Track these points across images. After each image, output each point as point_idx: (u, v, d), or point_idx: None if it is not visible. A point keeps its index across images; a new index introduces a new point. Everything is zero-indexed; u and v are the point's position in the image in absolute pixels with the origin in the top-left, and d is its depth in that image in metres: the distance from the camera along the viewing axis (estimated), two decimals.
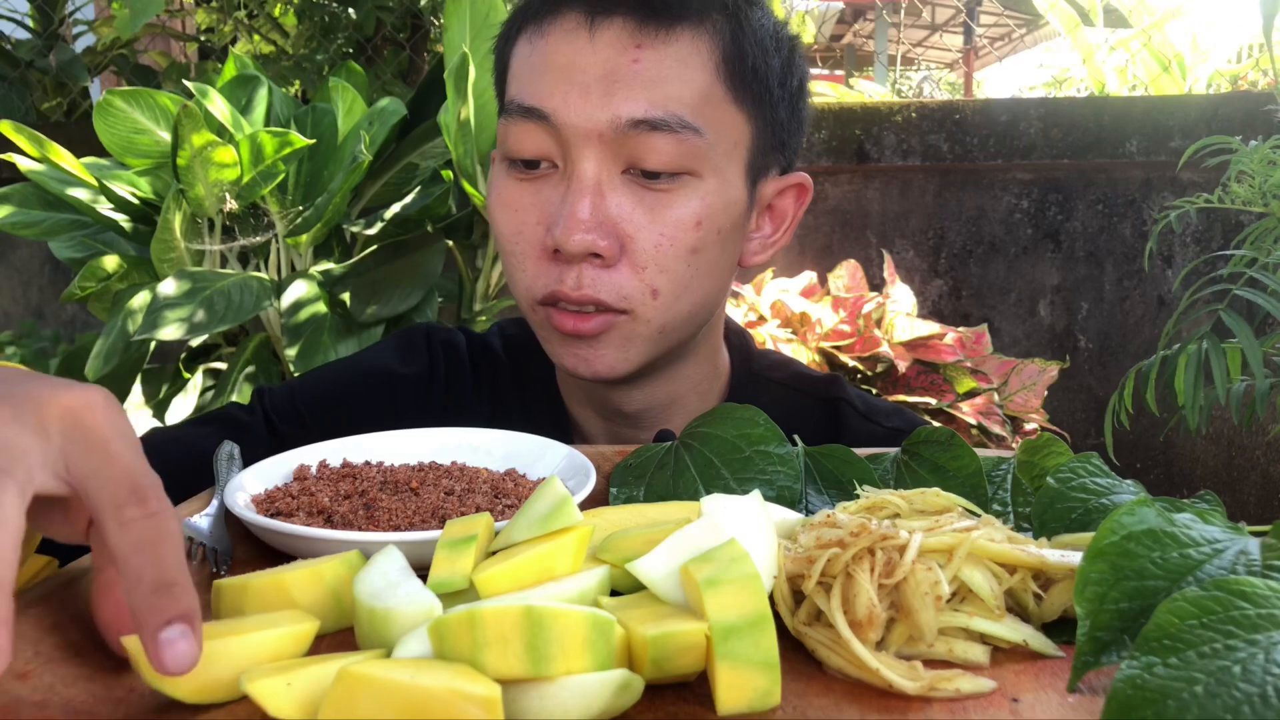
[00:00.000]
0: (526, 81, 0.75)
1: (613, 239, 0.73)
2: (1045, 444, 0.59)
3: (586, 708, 0.36)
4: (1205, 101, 2.23)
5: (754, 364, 0.92)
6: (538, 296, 0.76)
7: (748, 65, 0.76)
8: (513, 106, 0.75)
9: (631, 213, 0.73)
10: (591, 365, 0.77)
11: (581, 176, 0.73)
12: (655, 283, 0.75)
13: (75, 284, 1.71)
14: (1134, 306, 2.28)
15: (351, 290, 1.78)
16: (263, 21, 2.92)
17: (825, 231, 2.33)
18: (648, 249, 0.74)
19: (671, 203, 0.74)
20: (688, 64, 0.73)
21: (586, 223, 0.72)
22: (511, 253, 0.77)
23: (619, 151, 0.73)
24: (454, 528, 0.47)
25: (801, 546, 0.44)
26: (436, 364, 0.91)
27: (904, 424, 0.87)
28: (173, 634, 0.36)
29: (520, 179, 0.76)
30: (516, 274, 0.78)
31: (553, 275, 0.75)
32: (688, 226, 0.74)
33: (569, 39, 0.73)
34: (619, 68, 0.72)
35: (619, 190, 0.74)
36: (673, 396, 0.86)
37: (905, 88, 8.77)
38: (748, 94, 0.76)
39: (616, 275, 0.74)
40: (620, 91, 0.71)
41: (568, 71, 0.72)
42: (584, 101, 0.72)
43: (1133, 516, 0.39)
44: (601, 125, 0.72)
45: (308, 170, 1.80)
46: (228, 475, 0.63)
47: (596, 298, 0.74)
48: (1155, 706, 0.31)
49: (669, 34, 0.73)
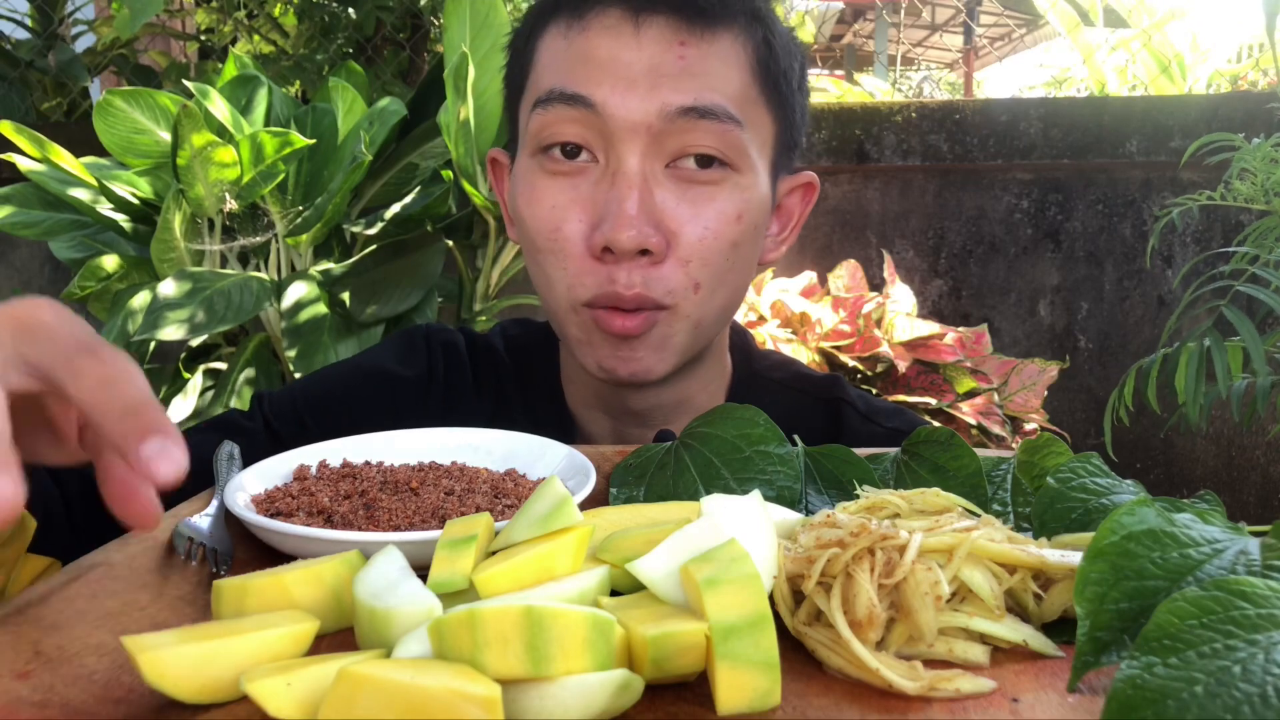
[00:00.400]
0: (567, 71, 0.74)
1: (661, 234, 0.73)
2: (1045, 444, 0.59)
3: (586, 708, 0.36)
4: (1205, 101, 2.23)
5: (755, 364, 0.92)
6: (584, 298, 0.75)
7: (778, 68, 0.77)
8: (553, 94, 0.74)
9: (676, 207, 0.73)
10: (630, 365, 0.77)
11: (628, 171, 0.72)
12: (698, 276, 0.75)
13: (75, 284, 1.71)
14: (1134, 306, 2.28)
15: (351, 290, 1.78)
16: (263, 21, 2.92)
17: (825, 231, 2.33)
18: (692, 243, 0.74)
19: (715, 196, 0.74)
20: (728, 62, 0.74)
21: (637, 218, 0.71)
22: (550, 251, 0.75)
23: (664, 144, 0.73)
24: (454, 528, 0.47)
25: (801, 546, 0.44)
26: (436, 365, 0.90)
27: (904, 425, 0.87)
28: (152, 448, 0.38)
29: (556, 173, 0.75)
30: (554, 274, 0.76)
31: (601, 275, 0.74)
32: (730, 219, 0.75)
33: (612, 33, 0.73)
34: (665, 62, 0.72)
35: (663, 184, 0.74)
36: (684, 396, 0.86)
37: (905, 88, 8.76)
38: (775, 95, 0.78)
39: (664, 270, 0.74)
40: (667, 83, 0.72)
41: (613, 64, 0.72)
42: (630, 93, 0.72)
43: (1133, 516, 0.39)
44: (651, 116, 0.72)
45: (308, 170, 1.80)
46: (228, 475, 0.63)
47: (649, 295, 0.73)
48: (1155, 706, 0.31)
49: (711, 34, 0.74)
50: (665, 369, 0.78)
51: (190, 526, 0.55)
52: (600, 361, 0.77)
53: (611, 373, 0.77)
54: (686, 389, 0.86)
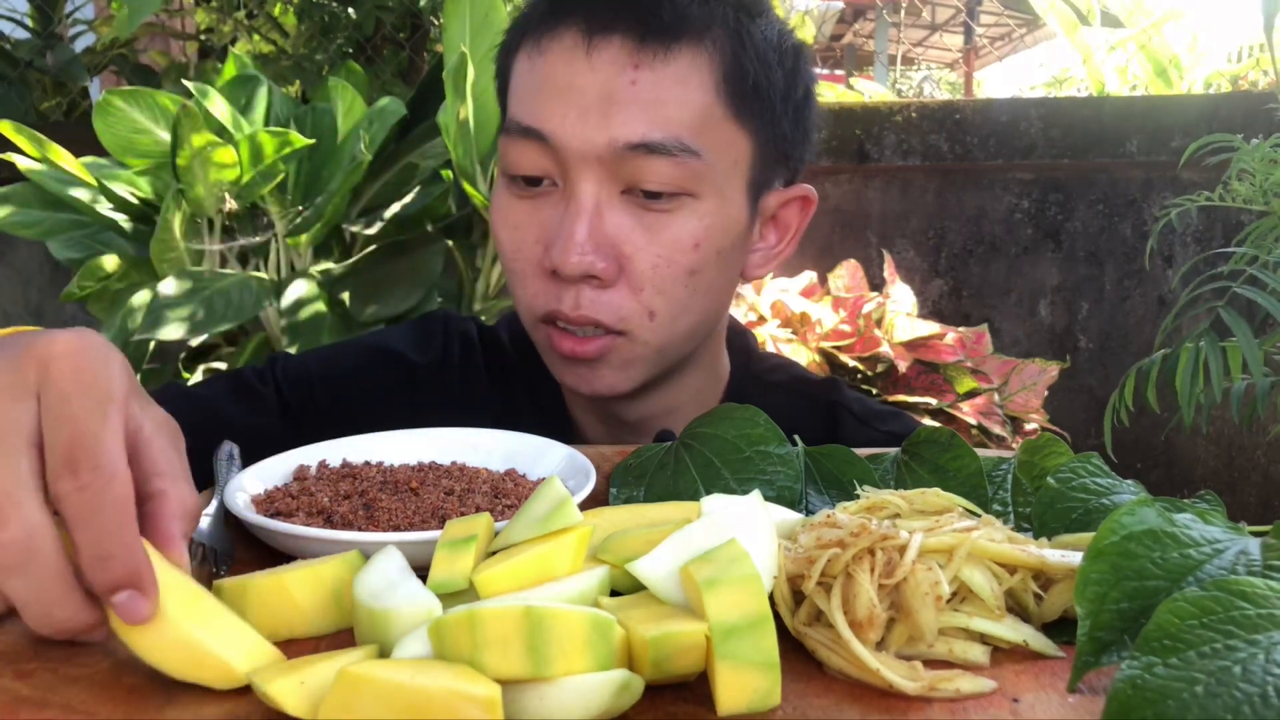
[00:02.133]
0: (526, 100, 0.75)
1: (611, 260, 0.73)
2: (1045, 444, 0.59)
3: (586, 708, 0.36)
4: (1205, 101, 2.23)
5: (754, 365, 0.92)
6: (538, 315, 0.77)
7: (749, 82, 0.74)
8: (512, 125, 0.75)
9: (630, 233, 0.73)
10: (591, 384, 0.78)
11: (580, 197, 0.73)
12: (652, 304, 0.74)
13: (75, 284, 1.71)
14: (1134, 306, 2.28)
15: (351, 290, 1.78)
16: (263, 21, 2.92)
17: (825, 231, 2.33)
18: (645, 270, 0.74)
19: (670, 224, 0.73)
20: (687, 84, 0.72)
21: (584, 244, 0.72)
22: (512, 270, 0.78)
23: (617, 172, 0.72)
24: (454, 528, 0.47)
25: (801, 546, 0.44)
26: (451, 352, 0.91)
27: (901, 429, 0.87)
28: (119, 599, 0.39)
29: (520, 196, 0.76)
30: (518, 291, 0.78)
31: (552, 294, 0.75)
32: (686, 248, 0.74)
33: (566, 58, 0.73)
34: (617, 89, 0.71)
35: (617, 210, 0.73)
36: (673, 405, 0.86)
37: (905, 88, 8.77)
38: (748, 111, 0.75)
39: (614, 296, 0.74)
40: (618, 114, 0.71)
41: (566, 92, 0.72)
42: (582, 124, 0.71)
43: (1133, 516, 0.39)
44: (600, 148, 0.71)
45: (307, 170, 1.80)
46: (228, 475, 0.63)
47: (594, 318, 0.74)
48: (1155, 706, 0.31)
49: (668, 53, 0.72)
50: (628, 387, 0.79)
51: None
52: (562, 377, 0.80)
53: (574, 388, 0.79)
54: (674, 399, 0.86)
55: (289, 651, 0.42)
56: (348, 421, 0.72)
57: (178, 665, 0.40)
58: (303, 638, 0.45)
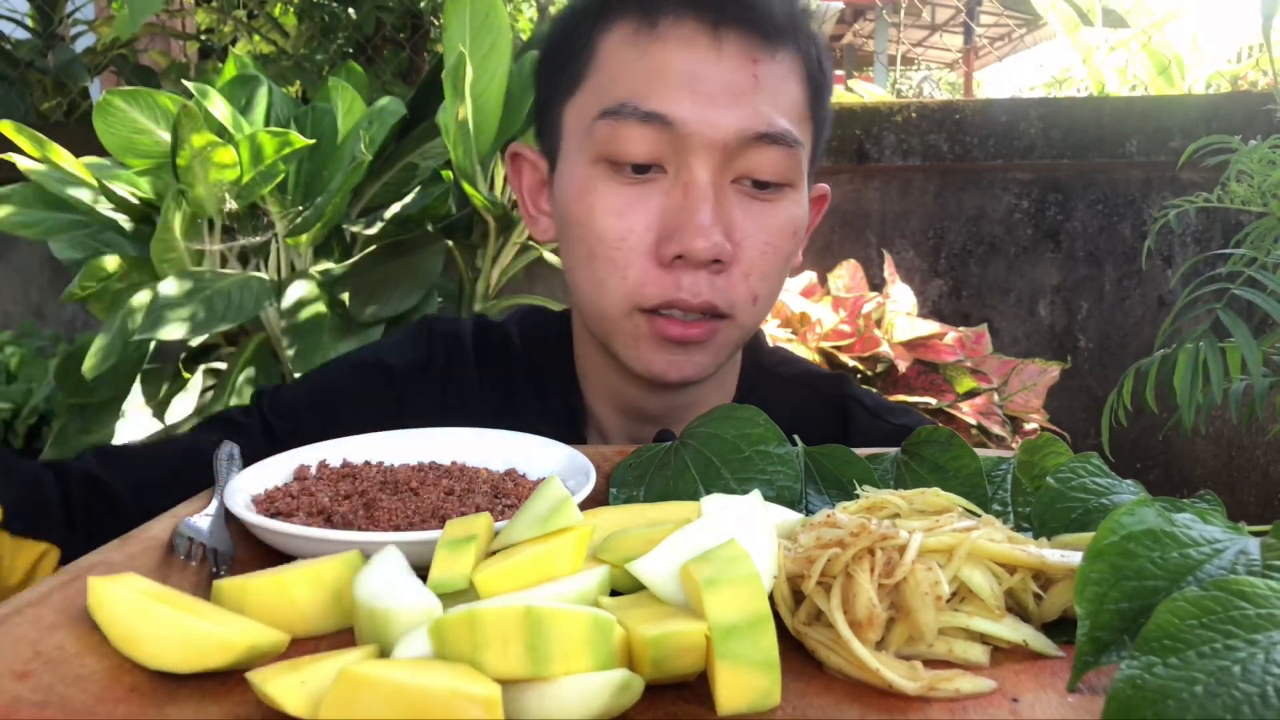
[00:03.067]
0: (641, 84, 0.74)
1: (730, 244, 0.74)
2: (1045, 444, 0.59)
3: (586, 708, 0.36)
4: (1205, 101, 2.23)
5: (764, 361, 0.93)
6: (644, 305, 0.75)
7: (824, 85, 0.80)
8: (627, 109, 0.73)
9: (741, 221, 0.75)
10: (683, 370, 0.78)
11: (700, 183, 0.73)
12: (756, 289, 0.77)
13: (75, 284, 1.71)
14: (1134, 306, 2.28)
15: (351, 290, 1.78)
16: (263, 21, 2.92)
17: (825, 231, 2.33)
18: (754, 256, 0.76)
19: (774, 212, 0.76)
20: (790, 80, 0.76)
21: (712, 228, 0.72)
22: (611, 259, 0.75)
23: (732, 162, 0.74)
24: (454, 528, 0.47)
25: (801, 546, 0.44)
26: (435, 353, 0.90)
27: (912, 422, 0.88)
28: None
29: (625, 183, 0.75)
30: (611, 280, 0.76)
31: (667, 282, 0.74)
32: (787, 234, 0.77)
33: (688, 46, 0.73)
34: (740, 80, 0.73)
35: (729, 198, 0.75)
36: (697, 397, 0.86)
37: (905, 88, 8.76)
38: (819, 111, 0.81)
39: (727, 281, 0.75)
40: (744, 104, 0.73)
41: (692, 80, 0.73)
42: (710, 111, 0.72)
43: (1133, 516, 0.39)
44: (728, 135, 0.73)
45: (308, 170, 1.80)
46: (228, 475, 0.63)
47: (713, 303, 0.75)
48: (1155, 706, 0.31)
49: (778, 51, 0.75)
50: (712, 370, 0.80)
51: (190, 526, 0.55)
52: (649, 365, 0.78)
53: (661, 376, 0.78)
54: (701, 390, 0.86)
55: (289, 652, 0.42)
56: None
57: (176, 655, 0.40)
58: (303, 638, 0.45)
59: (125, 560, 0.53)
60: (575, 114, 0.78)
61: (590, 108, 0.76)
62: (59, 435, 1.81)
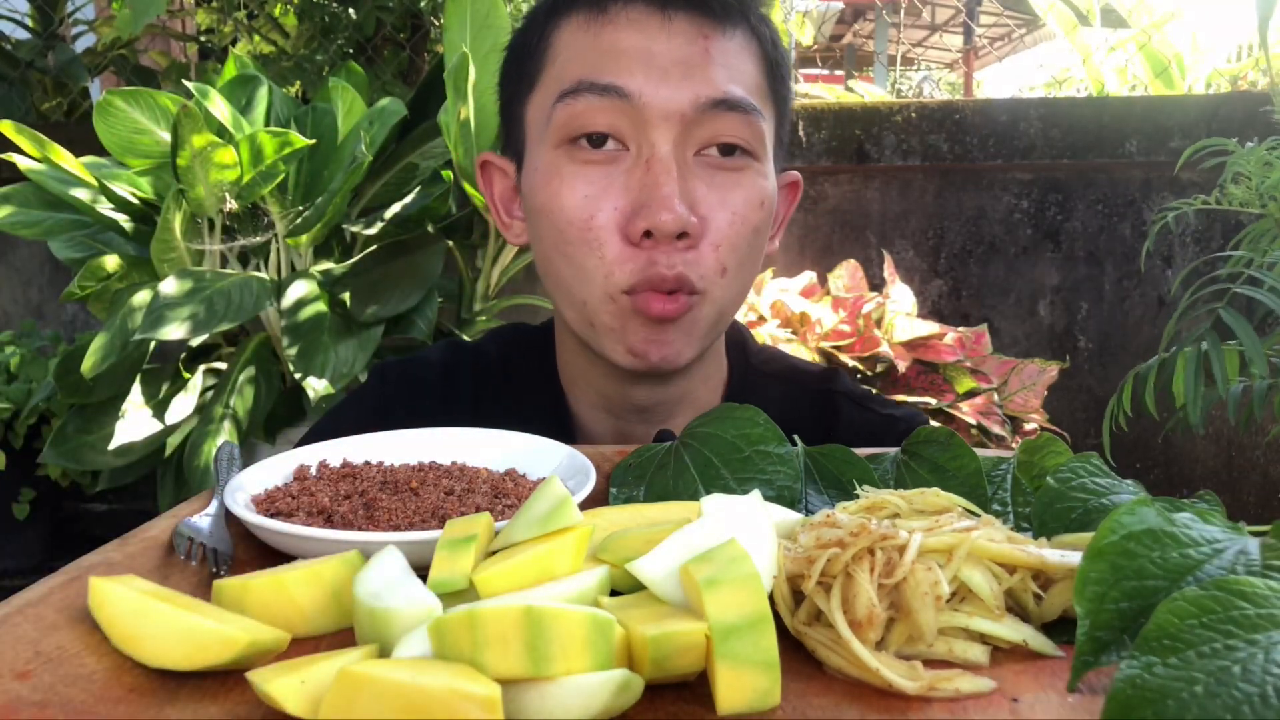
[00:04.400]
0: (595, 62, 0.75)
1: (696, 217, 0.75)
2: (1045, 444, 0.59)
3: (586, 708, 0.36)
4: (1205, 102, 2.23)
5: (752, 359, 0.94)
6: (624, 284, 0.75)
7: (781, 67, 0.81)
8: (583, 85, 0.74)
9: (706, 194, 0.75)
10: (662, 350, 0.77)
11: (662, 156, 0.74)
12: (726, 261, 0.77)
13: (75, 284, 1.71)
14: (1134, 306, 2.28)
15: (352, 290, 1.78)
16: (263, 22, 2.92)
17: (825, 231, 2.33)
18: (722, 228, 0.76)
19: (740, 182, 0.77)
20: (743, 56, 0.77)
21: (675, 201, 0.73)
22: (584, 240, 0.75)
23: (693, 133, 0.75)
24: (454, 528, 0.47)
25: (801, 546, 0.44)
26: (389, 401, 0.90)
27: (900, 413, 0.89)
28: None
29: (586, 162, 0.75)
30: (589, 263, 0.76)
31: (641, 260, 0.74)
32: (754, 205, 0.77)
33: (639, 25, 0.75)
34: (692, 54, 0.75)
35: (693, 171, 0.75)
36: (686, 390, 0.87)
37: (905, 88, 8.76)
38: (776, 92, 0.81)
39: (699, 254, 0.76)
40: (698, 74, 0.74)
41: (644, 54, 0.74)
42: (664, 83, 0.74)
43: (1133, 516, 0.39)
44: (684, 105, 0.74)
45: (308, 170, 1.80)
46: (228, 475, 0.63)
47: (686, 276, 0.75)
48: (1155, 706, 0.31)
49: (728, 29, 0.77)
50: (691, 355, 0.79)
51: (190, 526, 0.55)
52: (631, 346, 0.77)
53: (644, 356, 0.77)
54: (689, 384, 0.87)
55: (289, 652, 0.42)
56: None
57: (176, 652, 0.40)
58: (303, 638, 0.45)
59: (125, 560, 0.53)
60: (536, 108, 0.80)
61: (549, 96, 0.77)
62: (59, 435, 1.81)
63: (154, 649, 0.40)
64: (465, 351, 0.94)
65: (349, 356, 1.70)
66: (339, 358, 1.69)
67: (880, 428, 0.87)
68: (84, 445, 1.81)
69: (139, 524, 0.60)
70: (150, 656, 0.40)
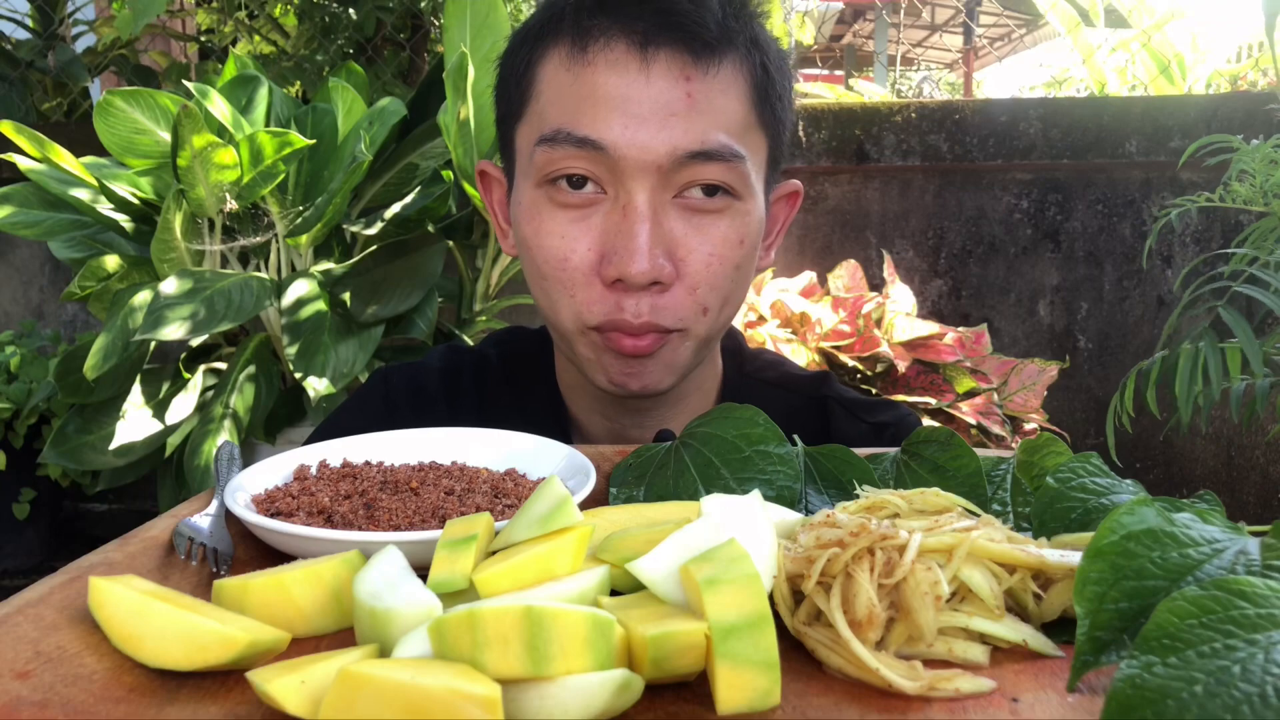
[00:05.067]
0: (574, 110, 0.74)
1: (670, 263, 0.74)
2: (1045, 444, 0.59)
3: (586, 708, 0.36)
4: (1205, 101, 2.23)
5: (746, 365, 0.94)
6: (591, 324, 0.76)
7: (774, 91, 0.79)
8: (560, 135, 0.74)
9: (684, 236, 0.75)
10: (641, 380, 0.78)
11: (639, 205, 0.74)
12: (706, 301, 0.77)
13: (75, 284, 1.71)
14: (1134, 306, 2.28)
15: (352, 290, 1.78)
16: (263, 22, 2.92)
17: (825, 231, 2.33)
18: (699, 269, 0.76)
19: (719, 222, 0.76)
20: (729, 94, 0.75)
21: (648, 252, 0.73)
22: (558, 280, 0.77)
23: (671, 180, 0.74)
24: (454, 528, 0.47)
25: (801, 546, 0.44)
26: (396, 409, 0.90)
27: (892, 418, 0.89)
28: None
29: (564, 204, 0.76)
30: (562, 301, 0.77)
31: (609, 303, 0.75)
32: (734, 244, 0.77)
33: (619, 69, 0.73)
34: (673, 100, 0.73)
35: (670, 215, 0.75)
36: (681, 394, 0.87)
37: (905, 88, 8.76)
38: (770, 116, 0.79)
39: (672, 298, 0.75)
40: (676, 125, 0.73)
41: (622, 104, 0.73)
42: (640, 133, 0.72)
43: (1132, 516, 0.39)
44: (660, 157, 0.73)
45: (308, 170, 1.80)
46: (228, 475, 0.63)
47: (656, 323, 0.75)
48: (1155, 706, 0.31)
49: (715, 65, 0.75)
50: (672, 382, 0.80)
51: (190, 526, 0.55)
52: (610, 378, 0.79)
53: (622, 386, 0.79)
54: (683, 388, 0.87)
55: (289, 652, 0.42)
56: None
57: (177, 652, 0.40)
58: (303, 637, 0.45)
59: (125, 560, 0.53)
60: (523, 138, 0.80)
61: (533, 134, 0.77)
62: (59, 435, 1.81)
63: (154, 649, 0.40)
64: (466, 356, 0.94)
65: (349, 356, 1.70)
66: (339, 358, 1.69)
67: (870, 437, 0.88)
68: (84, 445, 1.81)
69: (139, 524, 0.60)
70: (150, 656, 0.40)
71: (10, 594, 0.49)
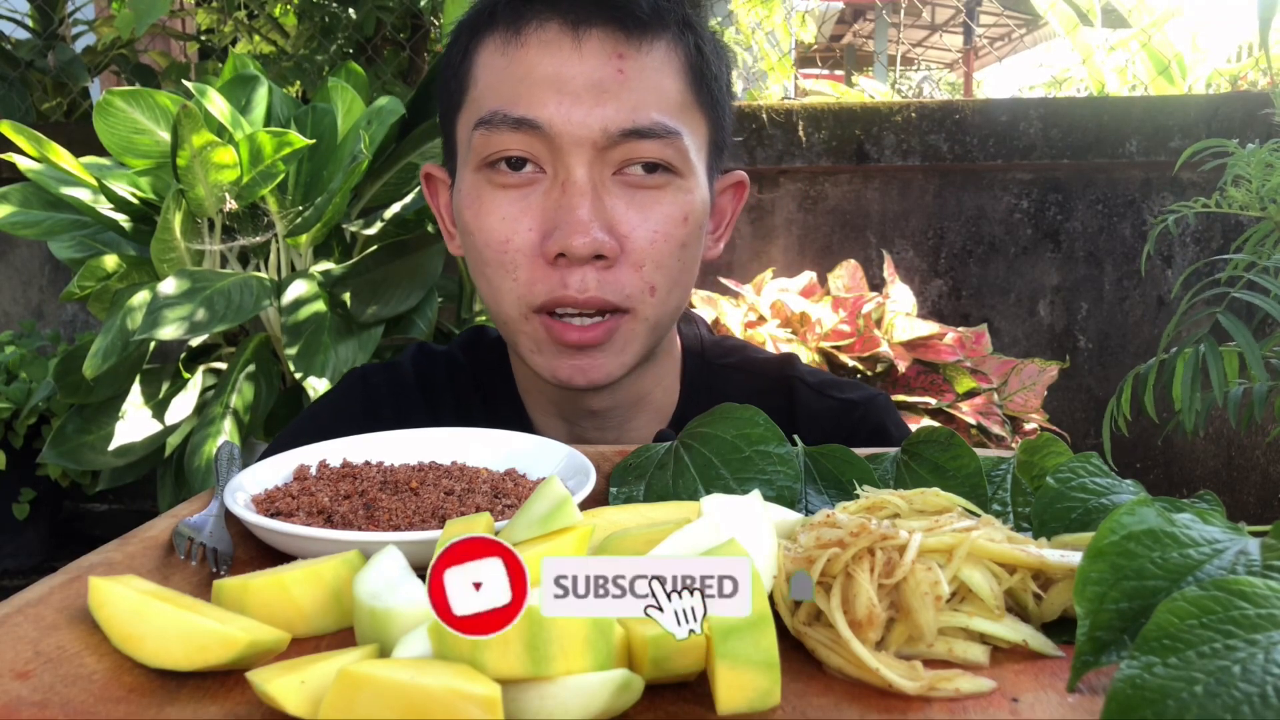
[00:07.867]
0: (509, 91, 0.75)
1: (613, 238, 0.74)
2: (1045, 444, 0.59)
3: (586, 708, 0.36)
4: (1205, 102, 2.23)
5: (708, 353, 0.94)
6: (535, 304, 0.76)
7: (710, 72, 0.80)
8: (496, 116, 0.75)
9: (626, 213, 0.75)
10: (588, 374, 0.78)
11: (577, 180, 0.74)
12: (652, 279, 0.77)
13: (75, 284, 1.71)
14: (1134, 307, 2.29)
15: (351, 290, 1.78)
16: (263, 22, 2.92)
17: (825, 231, 2.33)
18: (644, 246, 0.76)
19: (660, 199, 0.76)
20: (663, 72, 0.76)
21: (589, 224, 0.73)
22: (500, 262, 0.77)
23: (608, 156, 0.74)
24: (454, 528, 0.47)
25: (801, 546, 0.44)
26: (376, 404, 0.90)
27: (860, 397, 0.89)
28: None
29: (504, 185, 0.76)
30: (505, 283, 0.77)
31: (554, 280, 0.75)
32: (677, 221, 0.77)
33: (551, 49, 0.74)
34: (605, 78, 0.74)
35: (611, 191, 0.75)
36: (640, 393, 0.87)
37: (905, 88, 8.77)
38: (706, 99, 0.80)
39: (618, 274, 0.75)
40: (609, 101, 0.73)
41: (556, 81, 0.74)
42: (575, 110, 0.73)
43: (1133, 516, 0.39)
44: (595, 133, 0.73)
45: (308, 170, 1.80)
46: (228, 475, 0.63)
47: (602, 298, 0.74)
48: (1155, 706, 0.31)
49: (648, 43, 0.76)
50: (623, 372, 0.79)
51: (190, 526, 0.55)
52: (555, 372, 0.78)
53: (568, 382, 0.78)
54: (642, 387, 0.87)
55: (289, 652, 0.42)
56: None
57: (177, 652, 0.40)
58: (303, 637, 0.45)
59: (125, 560, 0.53)
60: (462, 127, 0.80)
61: (471, 119, 0.78)
62: (59, 435, 1.81)
63: (154, 649, 0.40)
64: (439, 358, 0.94)
65: (349, 356, 1.70)
66: (339, 358, 1.69)
67: (839, 412, 0.88)
68: (84, 445, 1.81)
69: (139, 524, 0.60)
70: (150, 656, 0.40)
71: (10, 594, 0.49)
